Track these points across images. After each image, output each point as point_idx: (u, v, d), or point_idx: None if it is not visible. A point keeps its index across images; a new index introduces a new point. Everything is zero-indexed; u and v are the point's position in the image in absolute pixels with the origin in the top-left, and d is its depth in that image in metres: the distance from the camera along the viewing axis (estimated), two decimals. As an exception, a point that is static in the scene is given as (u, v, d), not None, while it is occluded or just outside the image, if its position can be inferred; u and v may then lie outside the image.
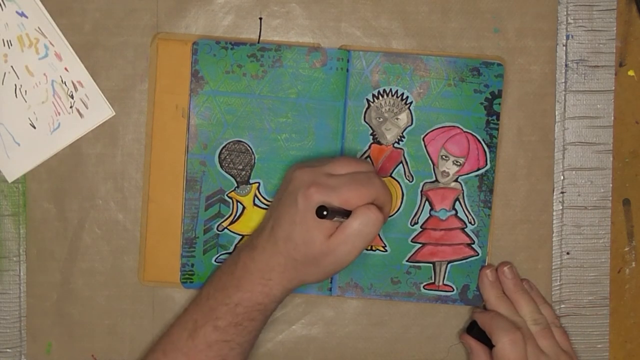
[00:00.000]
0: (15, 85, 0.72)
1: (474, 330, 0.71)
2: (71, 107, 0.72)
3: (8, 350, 0.73)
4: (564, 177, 0.74)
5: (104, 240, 0.73)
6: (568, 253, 0.74)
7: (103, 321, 0.73)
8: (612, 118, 0.74)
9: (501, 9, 0.73)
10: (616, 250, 0.75)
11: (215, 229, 0.73)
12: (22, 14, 0.71)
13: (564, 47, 0.74)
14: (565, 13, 0.74)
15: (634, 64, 0.75)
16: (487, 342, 0.69)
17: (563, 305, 0.75)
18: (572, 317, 0.75)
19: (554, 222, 0.74)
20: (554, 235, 0.74)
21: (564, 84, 0.74)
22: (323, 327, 0.74)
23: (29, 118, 0.72)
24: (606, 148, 0.74)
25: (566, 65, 0.74)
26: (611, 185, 0.75)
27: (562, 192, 0.74)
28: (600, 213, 0.75)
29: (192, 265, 0.72)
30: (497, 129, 0.72)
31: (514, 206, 0.74)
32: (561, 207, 0.74)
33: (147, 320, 0.73)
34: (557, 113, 0.74)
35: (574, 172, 0.74)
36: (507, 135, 0.73)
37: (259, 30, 0.73)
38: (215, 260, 0.73)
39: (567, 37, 0.74)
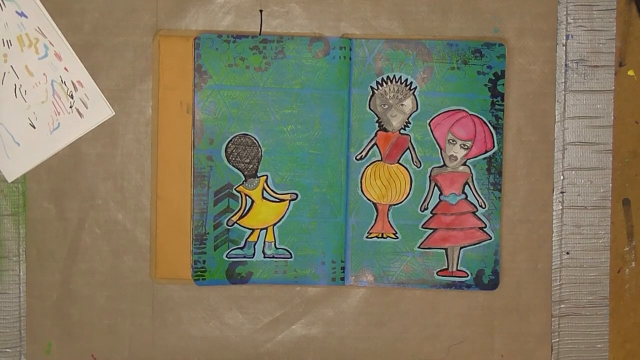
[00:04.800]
0: (15, 85, 0.72)
1: None
2: (71, 107, 0.72)
3: (8, 350, 0.73)
4: (564, 177, 0.74)
5: (104, 240, 0.73)
6: (568, 253, 0.74)
7: (103, 321, 0.73)
8: (612, 118, 0.74)
9: (501, 9, 0.73)
10: (616, 250, 0.75)
11: (225, 224, 0.73)
12: (22, 14, 0.71)
13: (564, 47, 0.74)
14: (565, 13, 0.74)
15: (634, 64, 0.75)
16: None
17: (563, 305, 0.75)
18: (572, 317, 0.75)
19: (554, 222, 0.74)
20: (554, 235, 0.74)
21: (564, 84, 0.74)
22: (323, 327, 0.74)
23: (29, 118, 0.72)
24: (606, 148, 0.74)
25: (566, 65, 0.74)
26: (611, 185, 0.75)
27: (562, 192, 0.74)
28: (600, 213, 0.75)
29: (204, 262, 0.72)
30: (503, 110, 0.72)
31: (514, 206, 0.74)
32: (561, 207, 0.74)
33: (147, 320, 0.73)
34: (557, 113, 0.74)
35: (574, 172, 0.74)
36: (507, 136, 0.73)
37: (260, 24, 0.73)
38: (226, 256, 0.73)
39: (567, 37, 0.74)
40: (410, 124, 0.73)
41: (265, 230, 0.73)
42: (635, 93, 0.75)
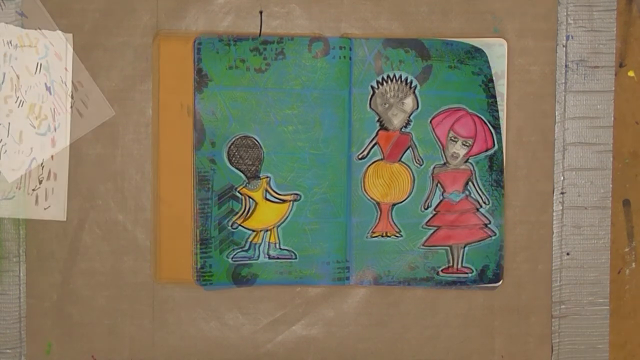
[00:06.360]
0: (16, 85, 0.72)
1: None
2: (71, 107, 0.72)
3: (8, 350, 0.73)
4: (564, 177, 0.74)
5: (104, 240, 0.73)
6: (568, 253, 0.74)
7: (103, 321, 0.73)
8: (612, 118, 0.74)
9: (501, 9, 0.73)
10: (616, 250, 0.75)
11: (228, 227, 0.73)
12: (22, 14, 0.71)
13: (564, 48, 0.74)
14: (565, 13, 0.74)
15: (634, 65, 0.75)
16: None
17: (563, 306, 0.75)
18: (572, 317, 0.75)
19: (554, 222, 0.74)
20: (554, 235, 0.74)
21: (564, 84, 0.74)
22: (323, 327, 0.74)
23: (29, 118, 0.72)
24: (606, 148, 0.74)
25: (566, 66, 0.74)
26: (611, 185, 0.75)
27: (562, 193, 0.74)
28: (600, 213, 0.75)
29: (210, 265, 0.72)
30: (501, 110, 0.72)
31: (514, 206, 0.74)
32: (561, 208, 0.74)
33: (147, 320, 0.73)
34: (557, 113, 0.74)
35: (574, 172, 0.74)
36: (507, 136, 0.73)
37: (259, 25, 0.73)
38: (231, 258, 0.73)
39: (567, 38, 0.74)
40: (411, 122, 0.73)
41: (268, 232, 0.73)
42: (635, 93, 0.75)
